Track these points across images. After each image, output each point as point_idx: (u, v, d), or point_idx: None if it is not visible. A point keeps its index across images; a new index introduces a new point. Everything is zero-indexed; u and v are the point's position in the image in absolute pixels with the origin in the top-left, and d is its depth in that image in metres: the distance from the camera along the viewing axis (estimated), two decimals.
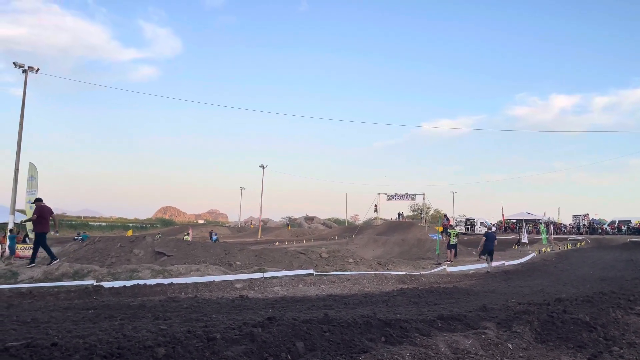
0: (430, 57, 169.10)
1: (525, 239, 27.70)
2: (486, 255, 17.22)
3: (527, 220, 54.09)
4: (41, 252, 14.05)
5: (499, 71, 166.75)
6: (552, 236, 32.69)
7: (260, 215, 68.88)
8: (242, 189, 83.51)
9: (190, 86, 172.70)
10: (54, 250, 22.46)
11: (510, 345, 4.49)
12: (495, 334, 4.74)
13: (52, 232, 15.30)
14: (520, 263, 19.47)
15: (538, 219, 56.05)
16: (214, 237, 44.48)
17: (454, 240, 21.08)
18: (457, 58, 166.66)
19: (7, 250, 21.93)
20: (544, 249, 26.73)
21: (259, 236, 59.25)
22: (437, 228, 26.75)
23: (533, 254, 23.19)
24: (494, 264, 17.19)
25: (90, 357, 3.40)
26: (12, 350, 3.54)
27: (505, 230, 57.56)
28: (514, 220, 58.36)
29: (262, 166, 65.55)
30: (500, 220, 61.83)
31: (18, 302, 8.87)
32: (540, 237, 36.51)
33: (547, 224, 39.61)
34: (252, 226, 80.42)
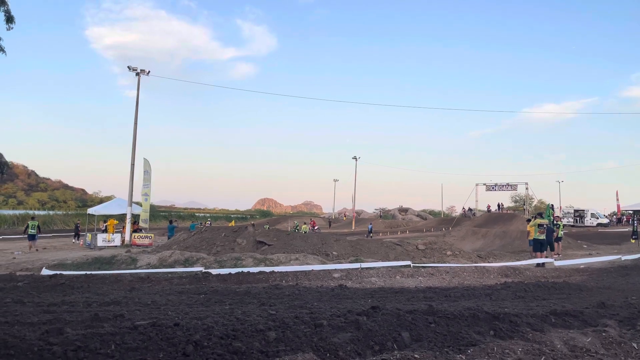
0: (530, 38, 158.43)
1: None
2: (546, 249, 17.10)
3: None
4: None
5: (611, 49, 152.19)
6: None
7: (354, 207, 69.24)
8: (335, 180, 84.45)
9: (285, 81, 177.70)
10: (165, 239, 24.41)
11: (635, 345, 4.11)
12: (617, 332, 4.37)
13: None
14: None
15: None
16: (370, 227, 45.09)
17: (561, 233, 19.77)
18: (562, 38, 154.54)
19: (127, 238, 24.16)
20: None
21: (353, 227, 59.61)
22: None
23: None
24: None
25: (209, 337, 3.64)
26: (141, 328, 3.90)
27: (619, 222, 52.82)
28: (631, 212, 53.23)
29: (355, 158, 65.84)
30: (614, 212, 56.89)
31: (139, 286, 9.74)
32: None
33: None
34: (345, 217, 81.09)
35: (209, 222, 38.17)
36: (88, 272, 11.74)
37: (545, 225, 16.39)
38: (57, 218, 52.80)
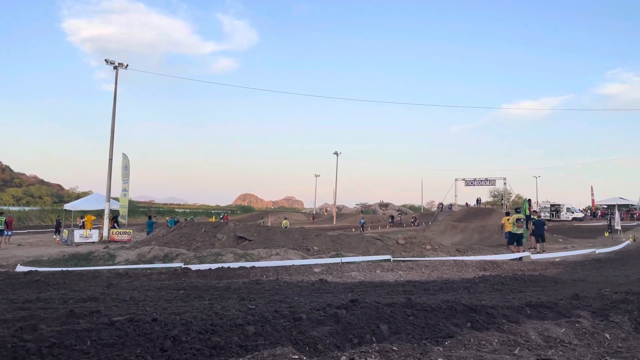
0: (508, 34, 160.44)
1: (618, 225, 25.79)
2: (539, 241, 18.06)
3: (620, 206, 50.29)
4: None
5: (587, 47, 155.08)
6: None
7: (335, 202, 69.41)
8: (316, 176, 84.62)
9: (266, 75, 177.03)
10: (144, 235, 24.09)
11: (607, 335, 4.23)
12: (590, 323, 4.48)
13: None
14: (613, 251, 18.19)
15: (633, 205, 52.04)
16: (362, 221, 45.72)
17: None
18: (539, 34, 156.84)
19: (105, 234, 23.78)
20: None
21: (334, 222, 59.80)
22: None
23: (627, 242, 21.57)
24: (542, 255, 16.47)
25: (187, 332, 3.61)
26: (118, 324, 3.85)
27: (594, 216, 54.03)
28: (605, 206, 54.56)
29: (336, 153, 65.93)
30: (589, 206, 58.20)
31: (117, 282, 9.60)
32: (634, 223, 33.87)
33: None
34: (326, 213, 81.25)
35: (184, 220, 38.56)
36: (65, 269, 11.52)
37: (522, 220, 16.76)
38: (33, 214, 51.77)
